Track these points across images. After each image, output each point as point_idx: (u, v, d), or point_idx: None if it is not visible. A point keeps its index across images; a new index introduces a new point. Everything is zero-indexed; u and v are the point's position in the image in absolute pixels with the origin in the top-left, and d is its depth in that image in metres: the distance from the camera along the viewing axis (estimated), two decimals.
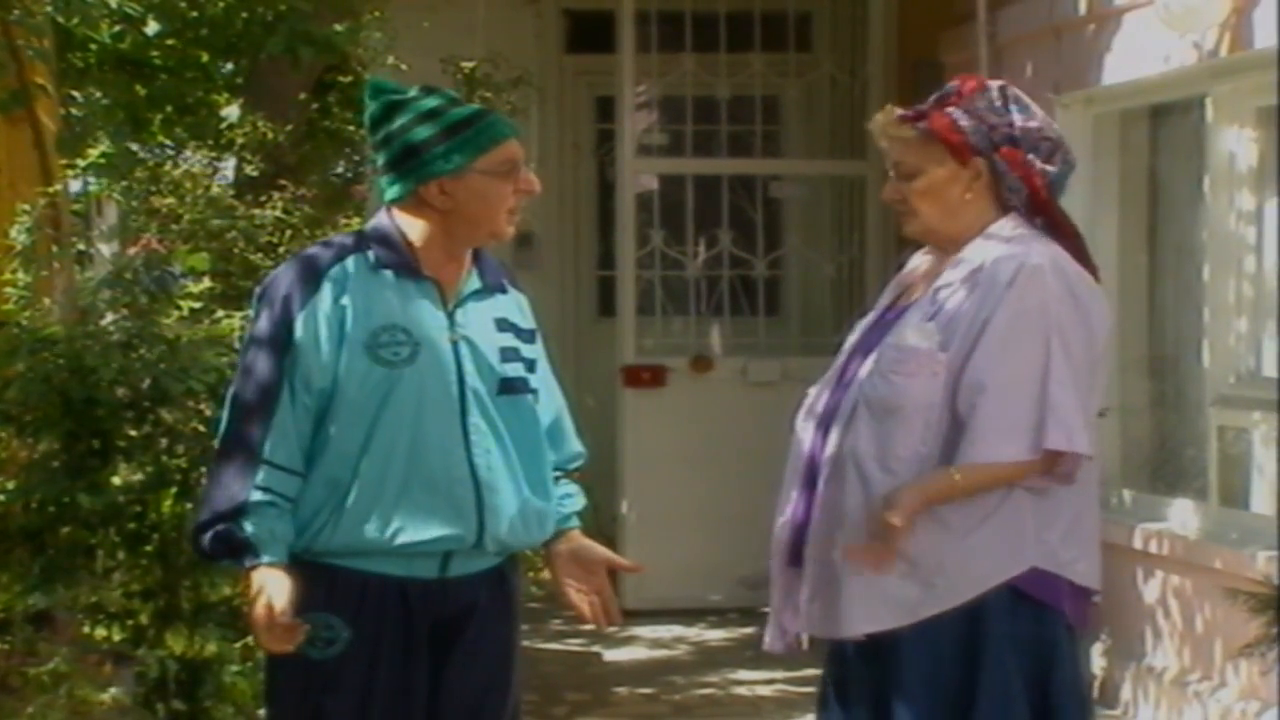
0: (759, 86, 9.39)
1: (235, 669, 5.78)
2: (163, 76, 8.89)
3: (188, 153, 8.36)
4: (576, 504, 4.00)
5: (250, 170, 7.80)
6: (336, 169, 9.03)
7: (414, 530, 3.73)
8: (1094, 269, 3.98)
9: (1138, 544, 6.90)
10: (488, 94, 8.07)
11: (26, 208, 6.51)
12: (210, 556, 3.81)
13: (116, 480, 5.78)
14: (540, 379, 3.93)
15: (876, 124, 4.02)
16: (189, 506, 5.59)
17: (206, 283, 6.37)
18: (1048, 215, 3.97)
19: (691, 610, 8.79)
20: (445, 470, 3.74)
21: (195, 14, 8.25)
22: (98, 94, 8.86)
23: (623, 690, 7.56)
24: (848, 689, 3.97)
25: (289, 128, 7.77)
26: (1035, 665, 3.85)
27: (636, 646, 8.29)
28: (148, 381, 5.73)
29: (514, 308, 3.93)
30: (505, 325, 3.87)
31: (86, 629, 5.85)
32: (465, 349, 3.79)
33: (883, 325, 4.00)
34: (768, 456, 4.47)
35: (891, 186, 4.01)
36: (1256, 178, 6.65)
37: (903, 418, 3.83)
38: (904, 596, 3.82)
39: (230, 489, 3.72)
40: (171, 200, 6.96)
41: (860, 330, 4.07)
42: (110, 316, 6.05)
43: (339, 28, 7.51)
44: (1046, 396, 3.78)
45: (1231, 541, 6.50)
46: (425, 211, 3.79)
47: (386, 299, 3.76)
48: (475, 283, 3.86)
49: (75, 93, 8.62)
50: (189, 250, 6.52)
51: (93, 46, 8.54)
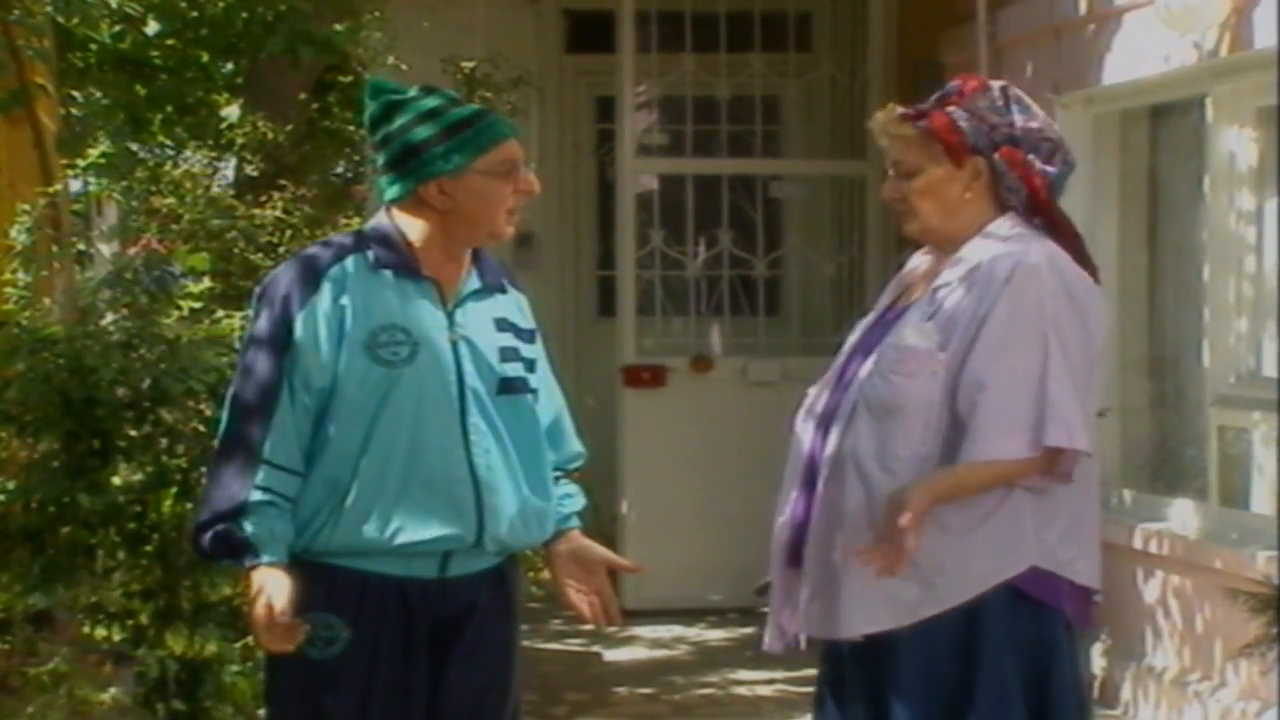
0: (759, 86, 9.39)
1: (235, 669, 5.78)
2: (163, 76, 8.88)
3: (188, 153, 8.36)
4: (576, 504, 4.00)
5: (250, 170, 7.79)
6: (336, 169, 9.02)
7: (413, 530, 3.73)
8: (1094, 269, 3.98)
9: (1138, 544, 6.90)
10: (488, 94, 8.06)
11: (26, 208, 6.51)
12: (210, 556, 3.82)
13: (116, 480, 5.78)
14: (540, 379, 3.93)
15: (877, 122, 4.02)
16: (189, 506, 5.59)
17: (206, 283, 6.37)
18: (1047, 216, 3.97)
19: (691, 610, 8.78)
20: (445, 470, 3.74)
21: (195, 14, 8.25)
22: (98, 94, 8.85)
23: (623, 690, 7.56)
24: (843, 689, 3.96)
25: (289, 128, 7.77)
26: (1034, 665, 3.84)
27: (636, 646, 8.29)
28: (148, 381, 5.73)
29: (514, 307, 3.93)
30: (505, 325, 3.87)
31: (86, 629, 5.85)
32: (465, 349, 3.79)
33: (883, 325, 4.00)
34: (768, 456, 4.47)
35: (891, 185, 4.01)
36: (1256, 178, 6.65)
37: (903, 417, 3.83)
38: (904, 597, 3.81)
39: (230, 489, 3.72)
40: (171, 200, 6.96)
41: (860, 330, 4.07)
42: (110, 316, 6.05)
43: (339, 28, 7.51)
44: (1045, 394, 3.77)
45: (1231, 541, 6.50)
46: (425, 211, 3.79)
47: (386, 299, 3.76)
48: (475, 282, 3.86)
49: (75, 93, 8.62)
50: (189, 250, 6.52)
51: (93, 46, 8.53)
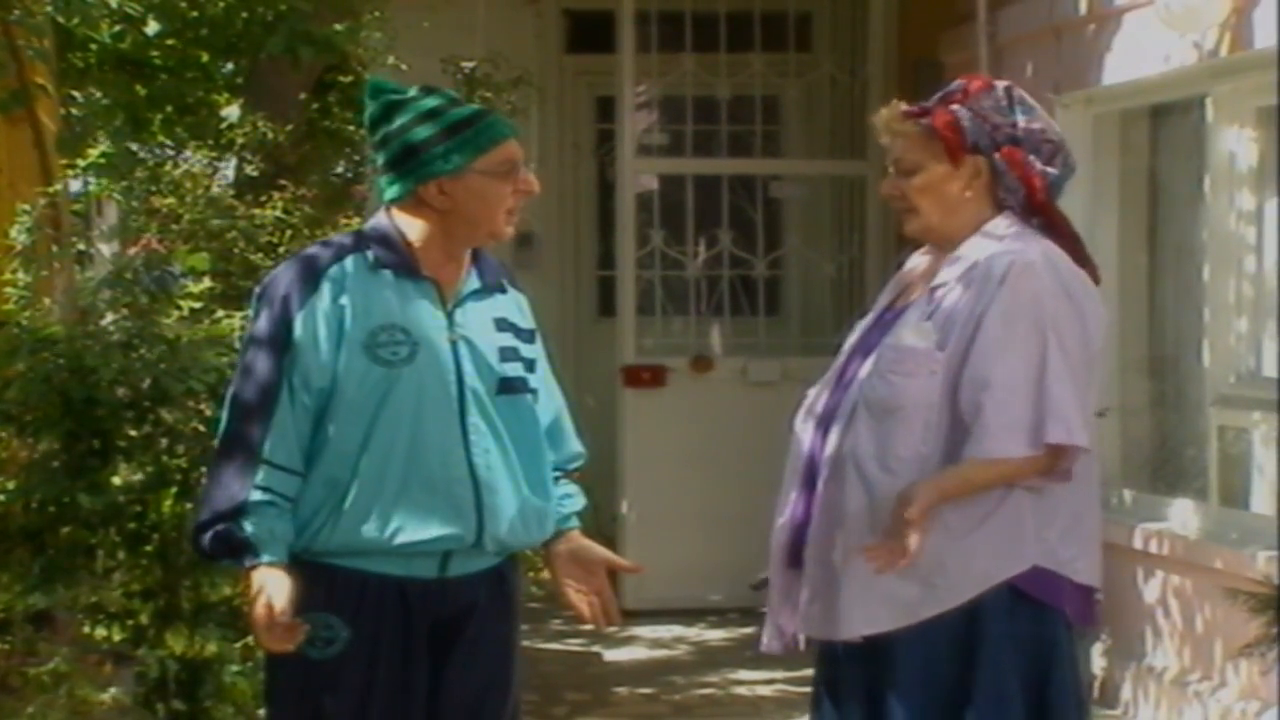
0: (759, 86, 9.39)
1: (235, 669, 5.77)
2: (163, 76, 8.87)
3: (188, 153, 8.34)
4: (576, 504, 4.00)
5: (250, 170, 7.78)
6: (336, 169, 9.00)
7: (413, 530, 3.73)
8: (1093, 268, 3.98)
9: (1138, 544, 6.90)
10: (488, 94, 8.06)
11: (26, 208, 6.50)
12: (210, 556, 3.82)
13: (116, 480, 5.78)
14: (540, 379, 3.93)
15: (880, 118, 4.02)
16: (189, 506, 5.59)
17: (206, 283, 6.36)
18: (1045, 216, 3.97)
19: (691, 610, 8.79)
20: (444, 470, 3.74)
21: (195, 14, 8.24)
22: (98, 94, 8.84)
23: (623, 690, 7.56)
24: (840, 689, 3.96)
25: (289, 128, 7.75)
26: (1034, 665, 3.84)
27: (636, 646, 8.29)
28: (148, 381, 5.72)
29: (513, 307, 3.93)
30: (504, 325, 3.87)
31: (86, 629, 5.85)
32: (464, 349, 3.79)
33: (882, 325, 4.00)
34: (768, 456, 4.47)
35: (890, 182, 4.00)
36: (1256, 178, 6.65)
37: (902, 418, 3.83)
38: (904, 597, 3.81)
39: (230, 488, 3.72)
40: (171, 200, 6.94)
41: (859, 330, 4.07)
42: (110, 316, 6.05)
43: (339, 28, 7.50)
44: (1045, 392, 3.77)
45: (1231, 541, 6.50)
46: (424, 211, 3.79)
47: (385, 299, 3.76)
48: (474, 282, 3.86)
49: (75, 93, 8.60)
50: (189, 250, 6.51)
51: (93, 46, 8.52)
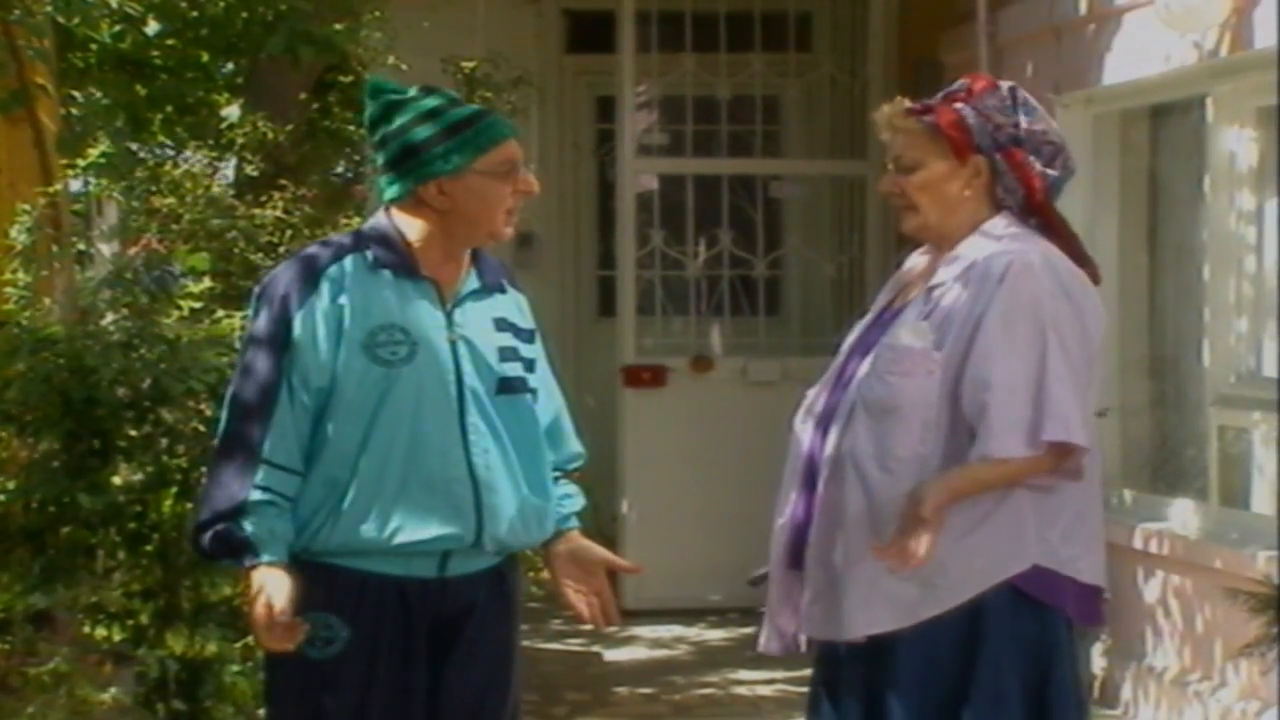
0: (759, 86, 9.39)
1: (235, 669, 5.77)
2: (163, 76, 8.86)
3: (188, 153, 8.34)
4: (576, 504, 4.00)
5: (250, 170, 7.78)
6: (337, 169, 9.00)
7: (412, 530, 3.73)
8: (1093, 268, 3.98)
9: (1138, 544, 6.90)
10: (488, 94, 8.05)
11: (26, 208, 6.50)
12: (210, 556, 3.82)
13: (117, 480, 5.78)
14: (539, 379, 3.93)
15: (882, 115, 4.02)
16: (189, 506, 5.59)
17: (206, 283, 6.36)
18: (1043, 216, 3.97)
19: (691, 610, 8.78)
20: (443, 470, 3.74)
21: (195, 14, 8.23)
22: (98, 94, 8.83)
23: (623, 690, 7.56)
24: (838, 689, 3.96)
25: (289, 128, 7.75)
26: (1034, 665, 3.84)
27: (636, 646, 8.29)
28: (148, 381, 5.72)
29: (513, 307, 3.93)
30: (504, 325, 3.87)
31: (87, 629, 5.85)
32: (463, 348, 3.79)
33: (880, 325, 4.00)
34: (768, 456, 4.47)
35: (889, 179, 4.00)
36: (1256, 178, 6.65)
37: (900, 418, 3.83)
38: (905, 597, 3.81)
39: (230, 488, 3.72)
40: (171, 200, 6.94)
41: (858, 330, 4.07)
42: (110, 316, 6.04)
43: (339, 28, 7.50)
44: (1045, 391, 3.77)
45: (1232, 541, 6.50)
46: (424, 211, 3.79)
47: (385, 298, 3.76)
48: (474, 282, 3.86)
49: (75, 93, 8.60)
50: (189, 250, 6.51)
51: (93, 46, 8.52)
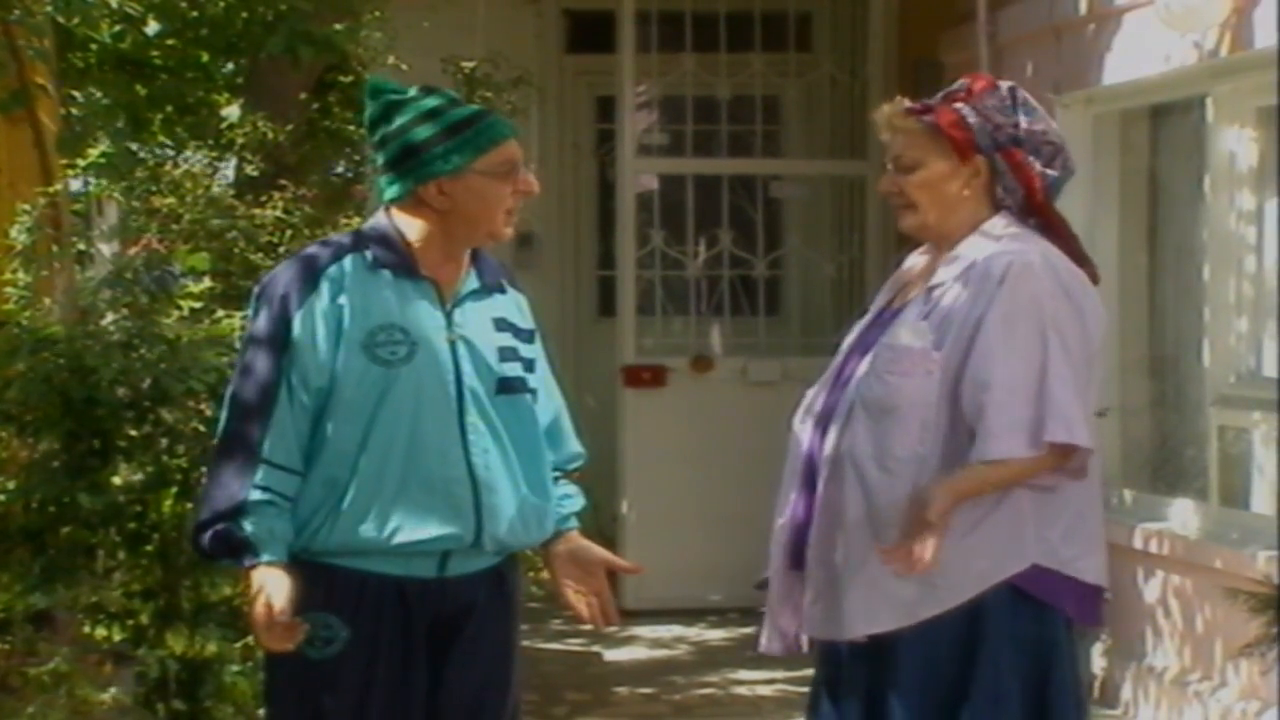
0: (759, 86, 9.39)
1: (235, 669, 5.77)
2: (163, 76, 8.86)
3: (188, 153, 8.34)
4: (575, 504, 4.00)
5: (250, 170, 7.77)
6: (337, 169, 9.00)
7: (412, 530, 3.73)
8: (1092, 268, 3.99)
9: (1138, 544, 6.90)
10: (488, 94, 8.05)
11: (26, 208, 6.50)
12: (210, 555, 3.82)
13: (117, 480, 5.78)
14: (539, 379, 3.93)
15: (882, 114, 4.02)
16: (189, 506, 5.59)
17: (206, 283, 6.36)
18: (1043, 217, 3.97)
19: (691, 610, 8.78)
20: (443, 470, 3.74)
21: (195, 14, 8.23)
22: (98, 94, 8.83)
23: (623, 690, 7.56)
24: (839, 688, 3.96)
25: (289, 128, 7.75)
26: (1034, 665, 3.84)
27: (636, 646, 8.29)
28: (148, 381, 5.72)
29: (512, 307, 3.93)
30: (503, 325, 3.87)
31: (87, 629, 5.84)
32: (463, 349, 3.79)
33: (880, 325, 4.00)
34: (768, 456, 4.47)
35: (888, 179, 4.00)
36: (1256, 178, 6.65)
37: (899, 417, 3.83)
38: (904, 597, 3.82)
39: (229, 488, 3.72)
40: (171, 200, 6.93)
41: (858, 330, 4.07)
42: (110, 316, 6.04)
43: (339, 28, 7.49)
44: (1046, 391, 3.77)
45: (1232, 541, 6.50)
46: (424, 211, 3.79)
47: (384, 298, 3.76)
48: (473, 282, 3.86)
49: (75, 93, 8.60)
50: (189, 250, 6.51)
51: (93, 46, 8.51)
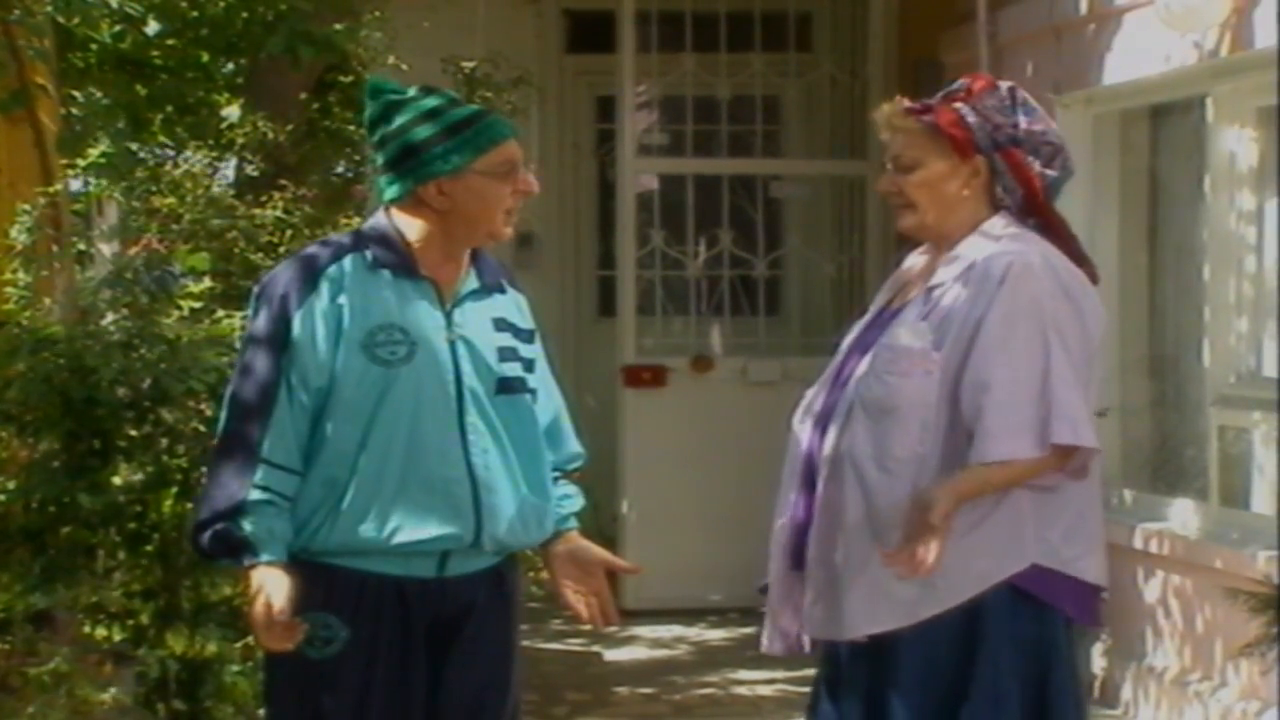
0: (759, 86, 9.39)
1: (235, 669, 5.77)
2: (163, 76, 8.86)
3: (188, 153, 8.33)
4: (575, 505, 4.00)
5: (250, 170, 7.78)
6: (337, 169, 9.00)
7: (411, 530, 3.73)
8: (1091, 268, 3.99)
9: (1138, 544, 6.90)
10: (488, 94, 8.05)
11: (26, 208, 6.50)
12: (209, 555, 3.81)
13: (117, 480, 5.78)
14: (539, 379, 3.93)
15: (882, 114, 4.02)
16: (189, 506, 5.58)
17: (207, 283, 6.36)
18: (1042, 217, 3.97)
19: (691, 610, 8.78)
20: (442, 470, 3.74)
21: (195, 14, 8.24)
22: (98, 94, 8.83)
23: (623, 690, 7.56)
24: (840, 688, 3.96)
25: (289, 128, 7.75)
26: (1034, 665, 3.84)
27: (636, 646, 8.29)
28: (148, 381, 5.72)
29: (512, 307, 3.93)
30: (503, 325, 3.87)
31: (87, 629, 5.85)
32: (463, 348, 3.79)
33: (879, 325, 4.00)
34: (768, 456, 4.47)
35: (887, 179, 4.01)
36: (1256, 178, 6.65)
37: (898, 418, 3.83)
38: (904, 597, 3.82)
39: (229, 488, 3.72)
40: (171, 200, 6.93)
41: (857, 330, 4.07)
42: (110, 316, 6.04)
43: (339, 28, 7.49)
44: (1049, 392, 3.77)
45: (1232, 541, 6.50)
46: (423, 211, 3.79)
47: (384, 298, 3.76)
48: (473, 282, 3.86)
49: (75, 93, 8.60)
50: (189, 250, 6.51)
51: (93, 46, 8.51)
